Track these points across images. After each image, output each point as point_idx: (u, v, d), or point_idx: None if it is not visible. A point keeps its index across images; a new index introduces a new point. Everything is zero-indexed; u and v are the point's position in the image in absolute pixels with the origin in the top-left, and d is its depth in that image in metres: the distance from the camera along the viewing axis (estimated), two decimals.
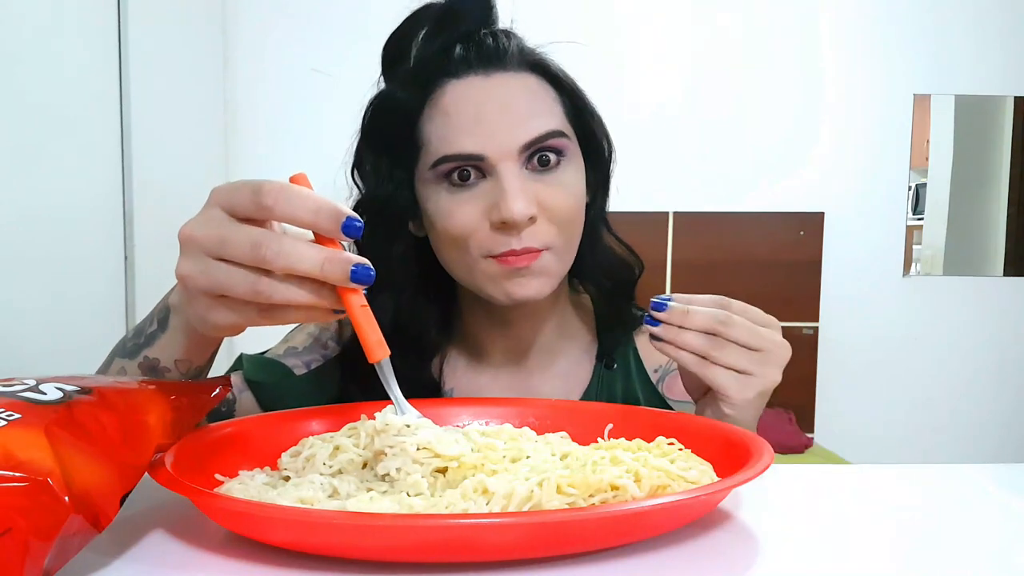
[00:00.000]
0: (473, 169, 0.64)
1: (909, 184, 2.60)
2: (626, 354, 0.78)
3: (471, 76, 0.65)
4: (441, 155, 0.64)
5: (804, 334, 2.57)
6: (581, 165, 0.70)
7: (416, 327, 0.72)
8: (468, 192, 0.64)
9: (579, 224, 0.68)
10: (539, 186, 0.64)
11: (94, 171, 1.78)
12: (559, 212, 0.65)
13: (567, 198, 0.65)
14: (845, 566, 0.39)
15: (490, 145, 0.63)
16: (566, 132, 0.67)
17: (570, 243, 0.67)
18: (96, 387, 0.41)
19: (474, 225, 0.64)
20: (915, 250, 2.61)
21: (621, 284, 0.77)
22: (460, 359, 0.77)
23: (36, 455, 0.34)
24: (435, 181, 0.66)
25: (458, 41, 0.66)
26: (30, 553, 0.32)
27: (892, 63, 2.56)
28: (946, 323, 2.61)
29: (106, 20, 1.81)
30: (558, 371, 0.76)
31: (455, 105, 0.65)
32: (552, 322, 0.76)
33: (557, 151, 0.65)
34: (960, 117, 2.58)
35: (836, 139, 2.58)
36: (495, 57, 0.66)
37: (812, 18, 2.56)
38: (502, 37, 0.68)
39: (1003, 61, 2.54)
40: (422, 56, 0.67)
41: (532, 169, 0.65)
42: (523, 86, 0.66)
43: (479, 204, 0.64)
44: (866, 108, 2.57)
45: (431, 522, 0.36)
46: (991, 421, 2.58)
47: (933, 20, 2.54)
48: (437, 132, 0.65)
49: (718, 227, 2.57)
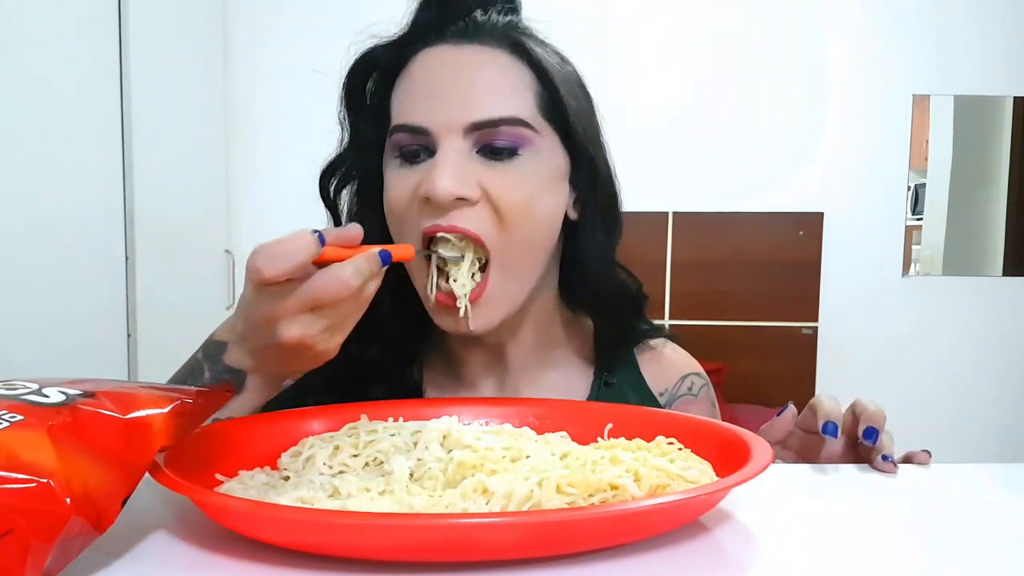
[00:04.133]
0: (421, 147, 0.60)
1: (908, 184, 2.60)
2: (627, 371, 0.74)
3: (442, 45, 0.62)
4: (394, 124, 0.61)
5: (803, 334, 2.57)
6: (555, 164, 0.63)
7: (393, 326, 0.68)
8: (412, 168, 0.61)
9: (533, 226, 0.61)
10: (487, 172, 0.59)
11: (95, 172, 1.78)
12: (505, 203, 0.58)
13: (517, 191, 0.59)
14: (845, 566, 0.39)
15: (436, 119, 0.59)
16: (530, 123, 0.60)
17: (518, 253, 0.60)
18: (98, 391, 0.41)
19: (407, 201, 0.60)
20: (914, 250, 2.62)
21: (624, 304, 0.72)
22: (437, 370, 0.72)
23: (38, 456, 0.34)
24: (391, 153, 0.62)
25: (446, 13, 0.63)
26: (31, 554, 0.32)
27: (892, 63, 2.56)
28: (945, 323, 2.61)
29: (106, 21, 1.82)
30: (549, 386, 0.71)
31: (419, 72, 0.61)
32: (536, 337, 0.70)
33: (513, 142, 0.59)
34: (959, 117, 2.58)
35: (836, 139, 2.58)
36: (475, 29, 0.62)
37: (812, 19, 2.57)
38: (494, 13, 0.63)
39: (1003, 61, 2.54)
40: (412, 22, 0.64)
41: (484, 156, 0.59)
42: (492, 61, 0.60)
43: (416, 180, 0.60)
44: (866, 108, 2.57)
45: (431, 522, 0.36)
46: (991, 421, 2.58)
47: (933, 20, 2.54)
48: (398, 100, 0.62)
49: (718, 227, 2.57)
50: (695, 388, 0.75)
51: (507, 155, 0.59)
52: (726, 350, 2.49)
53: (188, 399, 0.45)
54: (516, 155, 0.60)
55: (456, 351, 0.71)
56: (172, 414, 0.42)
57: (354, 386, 0.65)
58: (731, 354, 2.48)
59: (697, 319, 2.56)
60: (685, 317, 2.54)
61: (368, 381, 0.66)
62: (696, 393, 0.75)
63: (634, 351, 0.75)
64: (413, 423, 0.54)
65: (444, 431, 0.50)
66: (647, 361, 0.75)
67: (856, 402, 0.61)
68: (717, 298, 2.57)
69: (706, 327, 2.57)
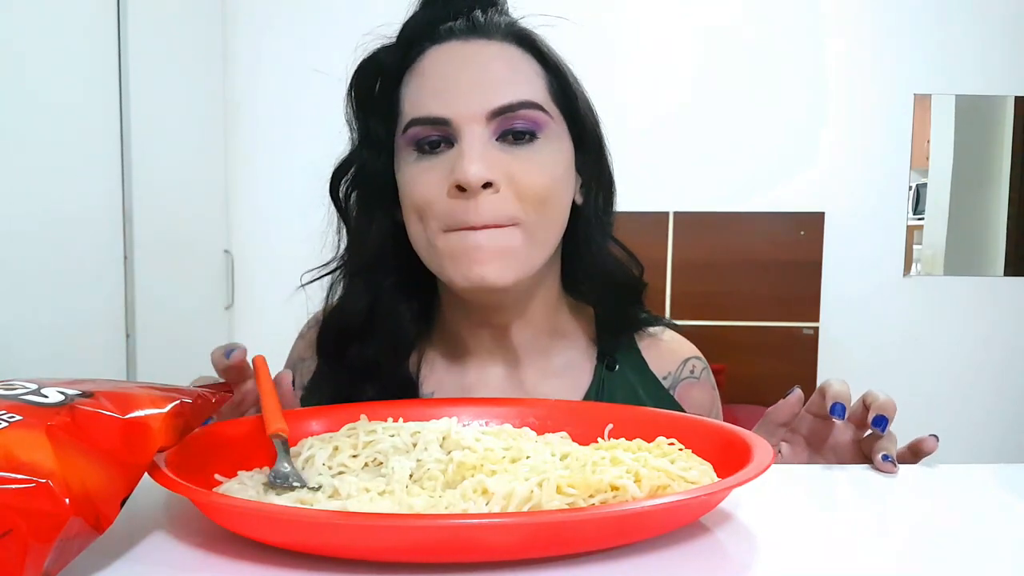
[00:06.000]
0: (441, 138, 0.62)
1: (909, 184, 2.60)
2: (629, 355, 0.76)
3: (451, 42, 0.64)
4: (409, 118, 0.63)
5: (804, 334, 2.57)
6: (566, 149, 0.66)
7: (393, 319, 0.69)
8: (434, 159, 0.62)
9: (555, 208, 0.64)
10: (508, 158, 0.61)
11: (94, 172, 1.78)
12: (528, 187, 0.61)
13: (539, 175, 0.61)
14: (845, 566, 0.39)
15: (457, 108, 0.60)
16: (545, 107, 0.63)
17: (543, 226, 0.63)
18: (97, 391, 0.41)
19: (434, 193, 0.61)
20: (915, 250, 2.62)
21: (624, 290, 0.74)
22: (438, 358, 0.74)
23: (37, 457, 0.34)
24: (406, 149, 0.64)
25: (448, 11, 0.65)
26: (30, 554, 0.32)
27: (892, 63, 2.56)
28: (946, 323, 2.61)
29: (106, 21, 1.81)
30: (554, 370, 0.73)
31: (431, 68, 0.63)
32: (541, 320, 0.72)
33: (531, 126, 0.62)
34: (960, 117, 2.58)
35: (837, 139, 2.58)
36: (479, 26, 0.64)
37: (813, 18, 2.56)
38: (492, 11, 0.66)
39: (1003, 61, 2.54)
40: (411, 23, 0.66)
41: (504, 142, 0.62)
42: (502, 53, 0.63)
43: (441, 171, 0.61)
44: (866, 108, 2.57)
45: (431, 522, 0.36)
46: (991, 421, 2.58)
47: (933, 20, 2.54)
48: (411, 97, 0.64)
49: (718, 227, 2.57)
50: (697, 371, 0.77)
51: (528, 139, 0.62)
52: (727, 350, 2.49)
53: (187, 399, 0.45)
54: (536, 139, 0.62)
55: (462, 337, 0.72)
56: (171, 414, 0.42)
57: (347, 384, 0.68)
58: (732, 354, 2.48)
59: (698, 319, 2.56)
60: (686, 317, 2.53)
61: (362, 378, 0.68)
62: (698, 376, 0.77)
63: (635, 337, 0.77)
64: (413, 424, 0.53)
65: (444, 432, 0.50)
66: (648, 347, 0.77)
67: (868, 392, 0.62)
68: (718, 298, 2.57)
69: (707, 327, 2.57)
